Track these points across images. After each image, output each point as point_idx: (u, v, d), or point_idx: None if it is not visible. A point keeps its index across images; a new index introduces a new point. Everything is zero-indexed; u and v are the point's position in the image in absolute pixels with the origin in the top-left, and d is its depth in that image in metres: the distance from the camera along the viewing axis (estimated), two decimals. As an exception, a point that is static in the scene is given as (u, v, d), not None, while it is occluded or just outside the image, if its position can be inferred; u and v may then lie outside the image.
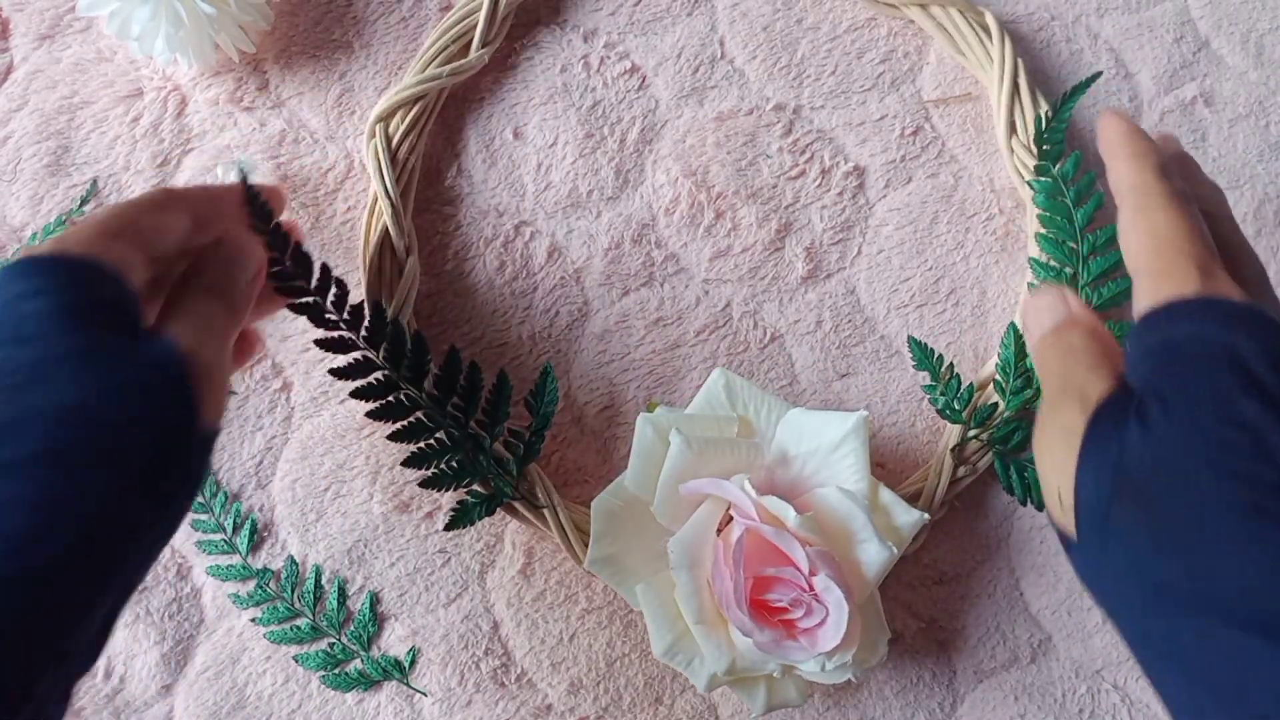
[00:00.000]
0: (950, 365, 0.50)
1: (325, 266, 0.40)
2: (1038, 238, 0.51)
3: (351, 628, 0.48)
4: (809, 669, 0.42)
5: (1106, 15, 0.56)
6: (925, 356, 0.49)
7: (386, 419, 0.46)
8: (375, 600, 0.49)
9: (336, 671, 0.48)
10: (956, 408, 0.49)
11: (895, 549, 0.42)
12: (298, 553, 0.49)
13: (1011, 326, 0.49)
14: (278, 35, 0.54)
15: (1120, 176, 0.34)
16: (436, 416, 0.46)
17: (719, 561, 0.41)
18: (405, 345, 0.45)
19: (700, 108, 0.54)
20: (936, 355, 0.50)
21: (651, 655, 0.46)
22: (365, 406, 0.45)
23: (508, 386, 0.47)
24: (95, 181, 0.52)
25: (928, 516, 0.44)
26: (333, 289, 0.41)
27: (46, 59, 0.53)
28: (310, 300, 0.40)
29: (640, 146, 0.53)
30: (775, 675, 0.42)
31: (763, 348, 0.52)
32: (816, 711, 0.48)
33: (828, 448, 0.43)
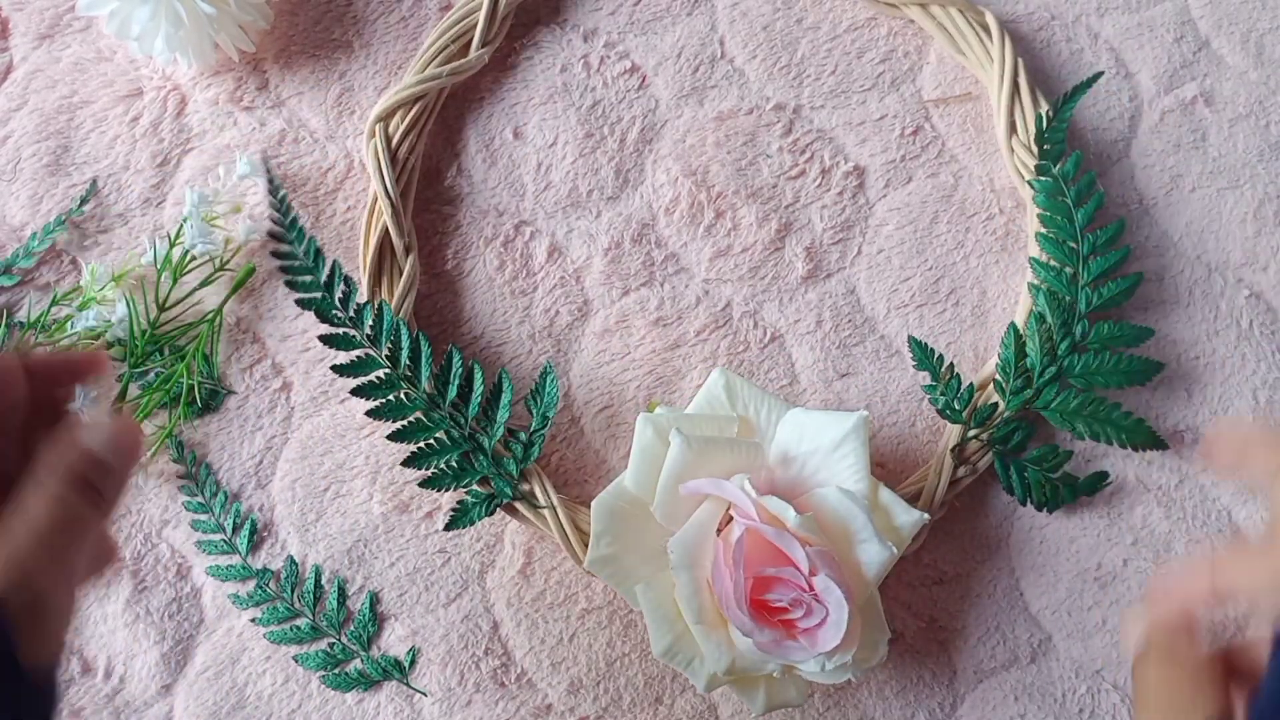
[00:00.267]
0: (950, 365, 0.50)
1: (336, 264, 0.40)
2: (1038, 237, 0.51)
3: (351, 628, 0.48)
4: (809, 669, 0.42)
5: (1106, 15, 0.56)
6: (925, 356, 0.49)
7: (386, 418, 0.46)
8: (375, 600, 0.49)
9: (336, 671, 0.48)
10: (956, 408, 0.49)
11: (895, 549, 0.42)
12: (297, 553, 0.49)
13: (1011, 326, 0.49)
14: (277, 35, 0.54)
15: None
16: (436, 416, 0.46)
17: (719, 561, 0.41)
18: (405, 345, 0.45)
19: (700, 107, 0.54)
20: (936, 355, 0.50)
21: (651, 655, 0.46)
22: (365, 406, 0.45)
23: (508, 386, 0.47)
24: (95, 181, 0.52)
25: (927, 516, 0.44)
26: (340, 286, 0.41)
27: (46, 58, 0.53)
28: (319, 295, 0.40)
29: (640, 146, 0.53)
30: (775, 675, 0.42)
31: (763, 347, 0.52)
32: (816, 711, 0.48)
33: (828, 448, 0.43)
